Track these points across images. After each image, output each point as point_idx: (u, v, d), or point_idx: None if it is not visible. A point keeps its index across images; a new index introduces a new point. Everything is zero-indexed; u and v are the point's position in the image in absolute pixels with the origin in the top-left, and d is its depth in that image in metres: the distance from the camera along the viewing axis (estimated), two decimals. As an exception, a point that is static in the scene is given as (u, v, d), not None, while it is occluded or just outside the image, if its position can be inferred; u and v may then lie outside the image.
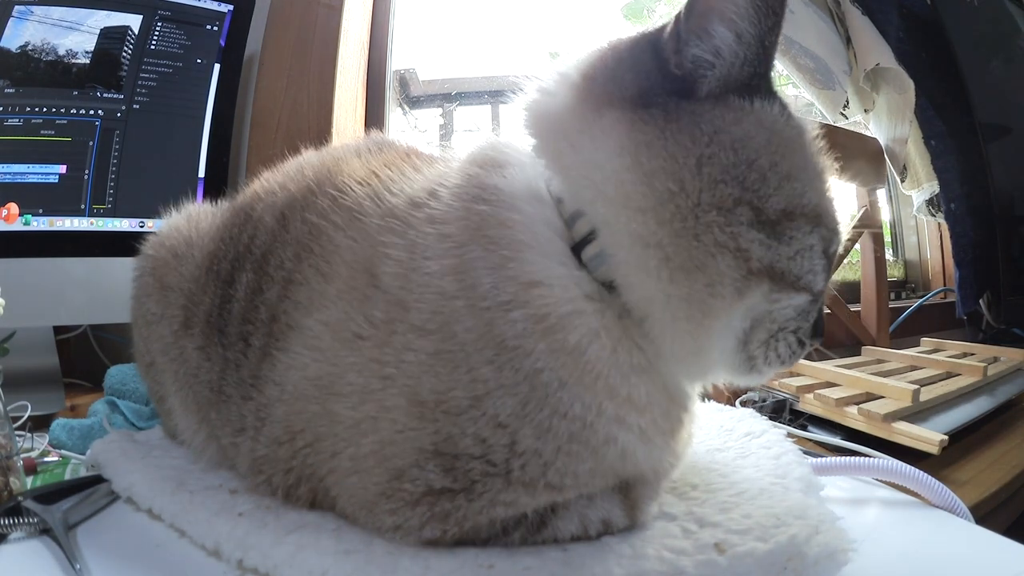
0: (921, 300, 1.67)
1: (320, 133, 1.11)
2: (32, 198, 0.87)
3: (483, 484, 0.39)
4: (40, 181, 0.87)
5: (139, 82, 0.93)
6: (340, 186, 0.46)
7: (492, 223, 0.39)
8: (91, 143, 0.90)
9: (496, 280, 0.38)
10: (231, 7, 1.00)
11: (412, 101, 1.45)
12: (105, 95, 0.91)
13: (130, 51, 0.93)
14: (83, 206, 0.90)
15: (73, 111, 0.89)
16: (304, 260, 0.45)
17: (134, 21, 0.93)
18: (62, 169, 0.88)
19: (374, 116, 1.27)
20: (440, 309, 0.38)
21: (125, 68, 0.92)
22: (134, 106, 0.93)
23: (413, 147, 0.54)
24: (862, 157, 1.36)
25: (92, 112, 0.90)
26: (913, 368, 1.11)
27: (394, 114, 1.35)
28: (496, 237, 0.39)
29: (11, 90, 0.86)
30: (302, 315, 0.44)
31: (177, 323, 0.53)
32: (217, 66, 0.99)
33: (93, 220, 0.90)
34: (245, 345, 0.47)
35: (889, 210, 1.94)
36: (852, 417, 0.83)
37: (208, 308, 0.50)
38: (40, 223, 0.87)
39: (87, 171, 0.90)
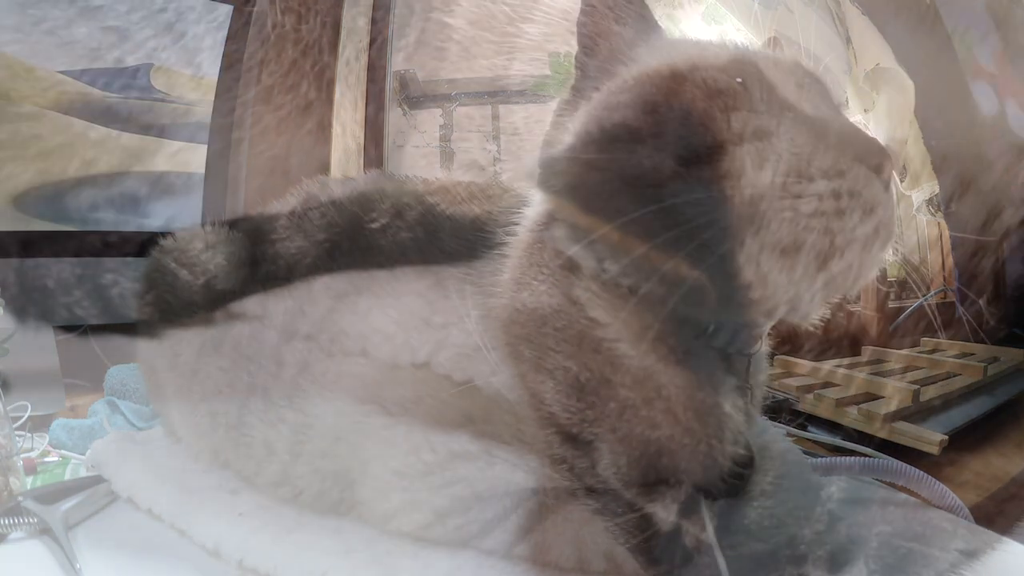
0: (921, 300, 1.67)
1: (320, 133, 1.10)
2: (32, 198, 0.86)
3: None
4: (40, 181, 0.87)
5: (139, 82, 0.93)
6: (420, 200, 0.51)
7: None
8: (91, 143, 0.90)
9: None
10: (231, 7, 0.99)
11: (412, 101, 1.45)
12: (105, 95, 0.91)
13: (130, 51, 0.93)
14: (83, 206, 0.90)
15: (73, 111, 0.89)
16: (362, 272, 0.48)
17: (134, 21, 0.93)
18: (62, 169, 0.88)
19: (374, 116, 1.27)
20: None
21: (125, 68, 0.92)
22: (134, 106, 0.93)
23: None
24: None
25: (92, 112, 0.90)
26: (913, 368, 1.10)
27: (394, 114, 1.35)
28: None
29: (11, 90, 0.86)
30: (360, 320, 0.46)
31: (210, 345, 0.54)
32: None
33: (93, 220, 0.90)
34: (278, 367, 0.49)
35: (889, 210, 1.94)
36: (852, 417, 0.82)
37: (237, 335, 0.52)
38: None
39: (87, 171, 0.90)
